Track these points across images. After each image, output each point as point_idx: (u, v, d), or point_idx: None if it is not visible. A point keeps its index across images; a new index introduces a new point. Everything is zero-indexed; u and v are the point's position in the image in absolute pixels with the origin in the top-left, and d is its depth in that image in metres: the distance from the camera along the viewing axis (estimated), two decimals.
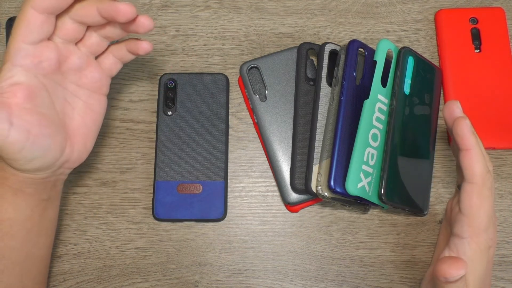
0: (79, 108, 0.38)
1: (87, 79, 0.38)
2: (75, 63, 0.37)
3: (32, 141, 0.33)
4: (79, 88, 0.38)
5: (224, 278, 0.45)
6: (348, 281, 0.45)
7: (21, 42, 0.33)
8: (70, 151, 0.37)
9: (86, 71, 0.38)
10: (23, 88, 0.33)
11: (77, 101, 0.38)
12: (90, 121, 0.38)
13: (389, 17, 0.52)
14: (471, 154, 0.33)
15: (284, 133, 0.46)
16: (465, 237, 0.34)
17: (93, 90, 0.39)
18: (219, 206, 0.46)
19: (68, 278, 0.45)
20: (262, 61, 0.47)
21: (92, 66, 0.38)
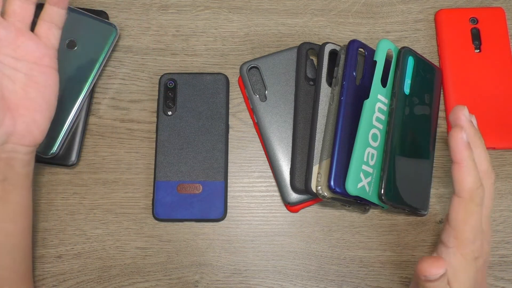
0: (19, 81, 0.37)
1: (23, 50, 0.37)
2: (3, 35, 0.36)
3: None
4: (17, 61, 0.37)
5: (224, 278, 0.45)
6: (348, 281, 0.45)
7: None
8: (12, 123, 0.36)
9: (19, 42, 0.37)
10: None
11: (17, 73, 0.37)
12: (34, 94, 0.37)
13: (389, 17, 0.52)
14: (461, 168, 0.32)
15: (284, 133, 0.46)
16: (450, 247, 0.34)
17: (34, 61, 0.37)
18: (219, 206, 0.46)
19: (68, 278, 0.45)
20: (262, 61, 0.47)
21: (24, 36, 0.37)
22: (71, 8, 0.48)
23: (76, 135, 0.47)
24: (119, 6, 0.51)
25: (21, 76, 0.37)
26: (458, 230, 0.33)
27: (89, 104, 0.48)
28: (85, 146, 0.48)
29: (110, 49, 0.48)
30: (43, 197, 0.47)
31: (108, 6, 0.51)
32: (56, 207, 0.46)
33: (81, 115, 0.47)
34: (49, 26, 0.38)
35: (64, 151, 0.46)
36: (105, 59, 0.48)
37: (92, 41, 0.47)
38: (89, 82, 0.47)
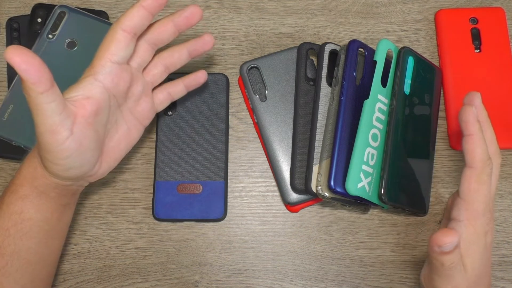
0: (121, 132, 0.39)
1: (140, 108, 0.40)
2: (138, 90, 0.39)
3: (80, 152, 0.34)
4: (130, 115, 0.39)
5: (224, 278, 0.45)
6: (348, 281, 0.45)
7: (108, 60, 0.35)
8: (99, 167, 0.38)
9: (142, 100, 0.39)
10: (94, 103, 0.34)
11: (123, 125, 0.39)
12: (123, 146, 0.39)
13: (389, 17, 0.52)
14: (473, 139, 0.34)
15: (284, 133, 0.46)
16: (462, 220, 0.35)
17: (139, 119, 0.40)
18: (219, 206, 0.46)
19: (68, 278, 0.45)
20: (262, 61, 0.47)
21: (148, 97, 0.40)
22: (71, 8, 0.48)
23: None
24: (119, 6, 0.51)
25: (125, 129, 0.39)
26: (469, 201, 0.35)
27: None
28: None
29: None
30: None
31: (108, 6, 0.51)
32: None
33: None
34: (167, 98, 0.42)
35: None
36: None
37: (92, 41, 0.47)
38: None
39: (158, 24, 0.38)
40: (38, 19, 0.48)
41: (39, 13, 0.49)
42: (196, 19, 0.38)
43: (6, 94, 0.47)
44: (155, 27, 0.38)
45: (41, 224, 0.37)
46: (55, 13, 0.47)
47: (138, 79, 0.38)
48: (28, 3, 0.51)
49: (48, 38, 0.47)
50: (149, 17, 0.35)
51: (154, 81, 0.40)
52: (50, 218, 0.37)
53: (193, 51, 0.40)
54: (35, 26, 0.48)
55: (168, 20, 0.37)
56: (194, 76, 0.42)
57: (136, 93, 0.39)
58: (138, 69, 0.38)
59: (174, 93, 0.42)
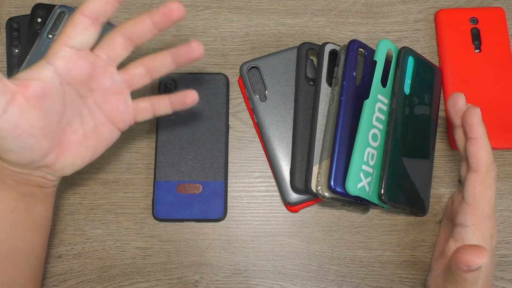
0: (87, 127, 0.37)
1: (110, 106, 0.38)
2: (107, 84, 0.37)
3: (16, 135, 0.32)
4: (98, 111, 0.37)
5: (224, 278, 0.45)
6: (348, 281, 0.45)
7: (63, 44, 0.34)
8: (54, 160, 0.36)
9: (113, 98, 0.38)
10: (39, 85, 0.33)
11: (90, 120, 0.37)
12: (91, 144, 0.38)
13: (389, 17, 0.52)
14: (478, 142, 0.34)
15: (284, 133, 0.46)
16: (469, 225, 0.34)
17: (110, 120, 0.38)
18: (219, 206, 0.46)
19: (68, 278, 0.45)
20: (262, 61, 0.47)
21: (121, 96, 0.38)
22: (71, 8, 0.48)
23: None
24: (119, 6, 0.51)
25: (91, 124, 0.37)
26: (475, 206, 0.34)
27: None
28: None
29: None
30: None
31: None
32: (56, 207, 0.46)
33: None
34: (149, 109, 0.39)
35: None
36: None
37: None
38: None
39: (135, 19, 0.36)
40: (38, 19, 0.49)
41: (39, 13, 0.49)
42: (175, 15, 0.35)
43: None
44: (132, 21, 0.36)
45: (7, 214, 0.36)
46: (55, 13, 0.47)
47: (105, 72, 0.37)
48: (28, 3, 0.51)
49: (48, 38, 0.47)
50: (112, 2, 0.34)
51: (131, 81, 0.38)
52: (15, 207, 0.36)
53: (178, 58, 0.38)
54: (35, 26, 0.48)
55: (146, 15, 0.36)
56: (181, 95, 0.40)
57: (102, 86, 0.37)
58: (107, 62, 0.36)
59: (158, 107, 0.40)
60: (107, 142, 0.39)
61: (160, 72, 0.39)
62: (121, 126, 0.39)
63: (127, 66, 0.38)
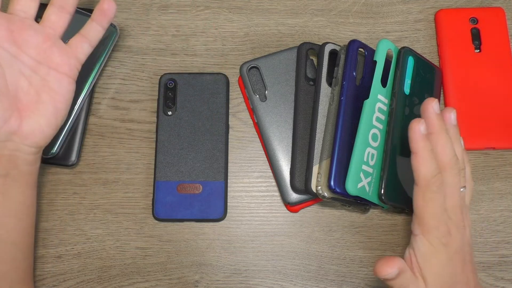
0: (35, 83, 0.38)
1: (46, 55, 0.38)
2: (31, 36, 0.38)
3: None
4: (37, 64, 0.38)
5: (224, 278, 0.45)
6: (348, 281, 0.45)
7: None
8: (17, 123, 0.37)
9: (45, 46, 0.38)
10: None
11: (34, 76, 0.38)
12: (46, 99, 0.38)
13: (389, 17, 0.52)
14: (417, 157, 0.34)
15: (284, 133, 0.46)
16: (417, 234, 0.35)
17: (53, 67, 0.39)
18: (219, 206, 0.46)
19: (68, 278, 0.45)
20: (262, 61, 0.47)
21: (51, 42, 0.39)
22: None
23: (76, 135, 0.47)
24: (119, 6, 0.51)
25: (38, 79, 0.38)
26: (419, 217, 0.35)
27: (89, 104, 0.48)
28: (85, 146, 0.48)
29: (110, 49, 0.48)
30: (43, 197, 0.47)
31: None
32: (56, 207, 0.46)
33: (81, 115, 0.47)
34: (81, 40, 0.40)
35: (64, 151, 0.46)
36: (105, 59, 0.48)
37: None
38: (89, 82, 0.47)
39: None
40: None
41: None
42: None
43: None
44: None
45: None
46: None
47: (24, 25, 0.38)
48: None
49: None
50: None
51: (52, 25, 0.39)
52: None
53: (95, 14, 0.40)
54: None
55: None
56: (97, 7, 0.40)
57: (30, 39, 0.38)
58: (22, 15, 0.38)
59: (87, 33, 0.40)
60: (62, 92, 0.39)
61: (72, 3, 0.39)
62: (67, 71, 0.39)
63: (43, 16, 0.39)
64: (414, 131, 0.35)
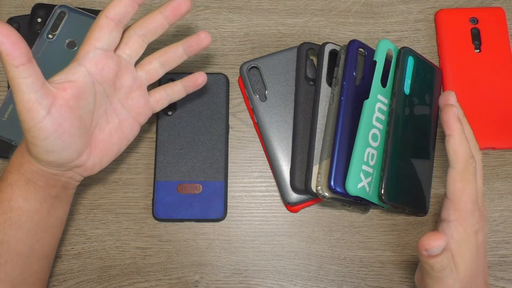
0: (112, 125, 0.39)
1: (132, 102, 0.40)
2: (129, 82, 0.39)
3: (59, 135, 0.34)
4: (122, 107, 0.39)
5: (224, 278, 0.45)
6: (348, 281, 0.45)
7: (91, 46, 0.36)
8: (86, 158, 0.38)
9: (134, 94, 0.40)
10: (75, 87, 0.35)
11: (115, 118, 0.39)
12: (115, 140, 0.40)
13: (389, 17, 0.52)
14: (454, 139, 0.34)
15: (284, 133, 0.46)
16: (451, 220, 0.35)
17: (132, 115, 0.40)
18: (219, 206, 0.46)
19: (68, 278, 0.45)
20: (262, 61, 0.47)
21: (141, 91, 0.40)
22: (71, 8, 0.48)
23: None
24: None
25: (116, 121, 0.39)
26: (456, 201, 0.35)
27: None
28: None
29: None
30: None
31: None
32: None
33: None
34: (165, 97, 0.42)
35: None
36: None
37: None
38: None
39: (147, 16, 0.39)
40: (38, 19, 0.48)
41: (39, 13, 0.49)
42: (183, 9, 0.38)
43: (6, 94, 0.47)
44: (144, 18, 0.39)
45: (31, 215, 0.37)
46: (55, 13, 0.47)
47: (127, 70, 0.39)
48: (28, 3, 0.51)
49: (48, 38, 0.47)
50: (133, 5, 0.36)
51: (148, 76, 0.41)
52: (39, 208, 0.37)
53: (188, 48, 0.40)
54: (35, 26, 0.48)
55: (156, 11, 0.39)
56: (192, 77, 0.42)
57: (126, 84, 0.39)
58: (128, 60, 0.39)
59: (172, 93, 0.42)
60: (129, 137, 0.41)
61: (172, 64, 0.41)
62: (141, 120, 0.41)
63: (142, 62, 0.40)
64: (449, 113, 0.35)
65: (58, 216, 0.40)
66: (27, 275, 0.38)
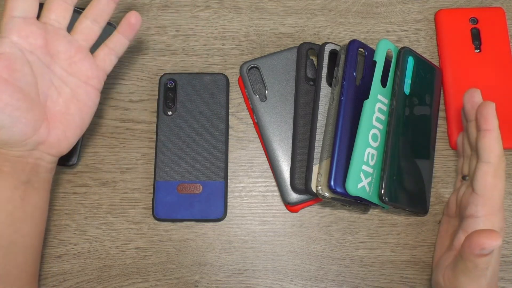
0: (65, 95, 0.38)
1: (76, 67, 0.39)
2: (64, 47, 0.38)
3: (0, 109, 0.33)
4: (68, 75, 0.38)
5: (224, 278, 0.45)
6: (348, 281, 0.45)
7: (9, 16, 0.35)
8: (46, 133, 0.37)
9: (76, 58, 0.39)
10: (4, 59, 0.34)
11: (64, 87, 0.38)
12: (74, 110, 0.39)
13: (389, 17, 0.52)
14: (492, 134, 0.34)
15: (284, 133, 0.46)
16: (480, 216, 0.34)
17: (83, 80, 0.39)
18: (219, 206, 0.46)
19: (68, 278, 0.45)
20: (262, 61, 0.47)
21: (82, 54, 0.39)
22: None
23: None
24: (119, 6, 0.51)
25: (67, 91, 0.38)
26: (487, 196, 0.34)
27: None
28: (85, 146, 0.48)
29: None
30: None
31: None
32: (56, 207, 0.46)
33: None
34: (109, 52, 0.41)
35: None
36: None
37: None
38: None
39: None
40: None
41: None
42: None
43: None
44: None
45: (3, 205, 0.36)
46: None
47: (58, 35, 0.38)
48: None
49: None
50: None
51: (85, 37, 0.39)
52: (11, 196, 0.36)
53: None
54: None
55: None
56: (124, 20, 0.41)
57: (62, 49, 0.38)
58: (56, 25, 0.38)
59: (114, 46, 0.41)
60: (89, 105, 0.40)
61: (104, 16, 0.40)
62: (95, 84, 0.40)
63: (74, 25, 0.39)
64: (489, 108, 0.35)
65: (35, 204, 0.38)
66: (11, 267, 0.37)
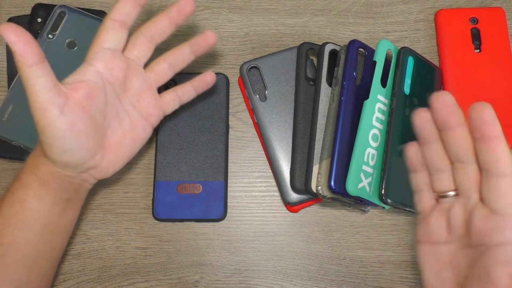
0: (125, 126, 0.40)
1: (143, 103, 0.40)
2: (138, 83, 0.40)
3: (73, 134, 0.34)
4: (133, 109, 0.40)
5: (224, 278, 0.45)
6: (348, 281, 0.45)
7: (99, 46, 0.37)
8: (100, 160, 0.38)
9: (145, 95, 0.40)
10: (87, 87, 0.36)
11: (127, 119, 0.40)
12: (128, 142, 0.40)
13: (389, 17, 0.52)
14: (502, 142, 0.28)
15: (284, 133, 0.46)
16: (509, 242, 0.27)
17: (144, 116, 0.40)
18: (219, 206, 0.46)
19: (68, 278, 0.45)
20: (262, 61, 0.47)
21: (151, 93, 0.41)
22: (71, 8, 0.48)
23: None
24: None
25: (128, 123, 0.40)
26: None
27: None
28: None
29: None
30: None
31: (108, 6, 0.51)
32: None
33: None
34: (175, 98, 0.42)
35: None
36: None
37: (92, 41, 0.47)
38: None
39: (153, 19, 0.40)
40: (38, 19, 0.48)
41: (39, 13, 0.49)
42: (187, 10, 0.39)
43: (6, 94, 0.47)
44: (150, 21, 0.40)
45: (42, 217, 0.37)
46: (55, 13, 0.47)
47: (136, 71, 0.40)
48: (28, 3, 0.51)
49: (48, 38, 0.47)
50: (135, 5, 0.38)
51: (157, 78, 0.41)
52: (51, 211, 0.37)
53: (195, 47, 0.41)
54: (35, 26, 0.48)
55: (162, 14, 0.39)
56: (201, 77, 0.43)
57: (136, 85, 0.40)
58: (136, 62, 0.40)
59: (182, 94, 0.42)
60: (142, 138, 0.41)
61: (180, 64, 0.42)
62: (153, 121, 0.41)
63: (151, 64, 0.41)
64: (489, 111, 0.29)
65: (68, 219, 0.40)
66: (33, 277, 0.38)
